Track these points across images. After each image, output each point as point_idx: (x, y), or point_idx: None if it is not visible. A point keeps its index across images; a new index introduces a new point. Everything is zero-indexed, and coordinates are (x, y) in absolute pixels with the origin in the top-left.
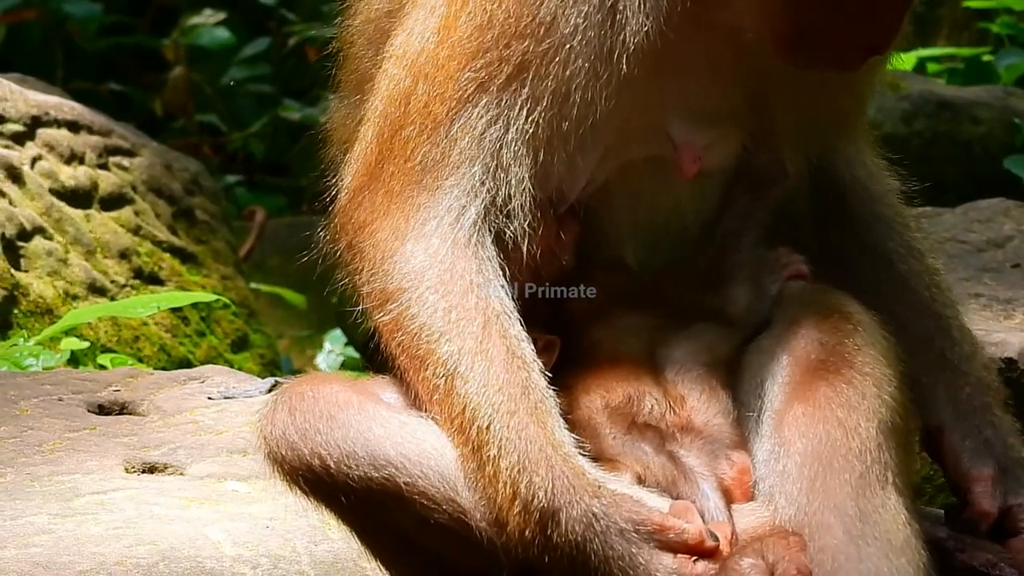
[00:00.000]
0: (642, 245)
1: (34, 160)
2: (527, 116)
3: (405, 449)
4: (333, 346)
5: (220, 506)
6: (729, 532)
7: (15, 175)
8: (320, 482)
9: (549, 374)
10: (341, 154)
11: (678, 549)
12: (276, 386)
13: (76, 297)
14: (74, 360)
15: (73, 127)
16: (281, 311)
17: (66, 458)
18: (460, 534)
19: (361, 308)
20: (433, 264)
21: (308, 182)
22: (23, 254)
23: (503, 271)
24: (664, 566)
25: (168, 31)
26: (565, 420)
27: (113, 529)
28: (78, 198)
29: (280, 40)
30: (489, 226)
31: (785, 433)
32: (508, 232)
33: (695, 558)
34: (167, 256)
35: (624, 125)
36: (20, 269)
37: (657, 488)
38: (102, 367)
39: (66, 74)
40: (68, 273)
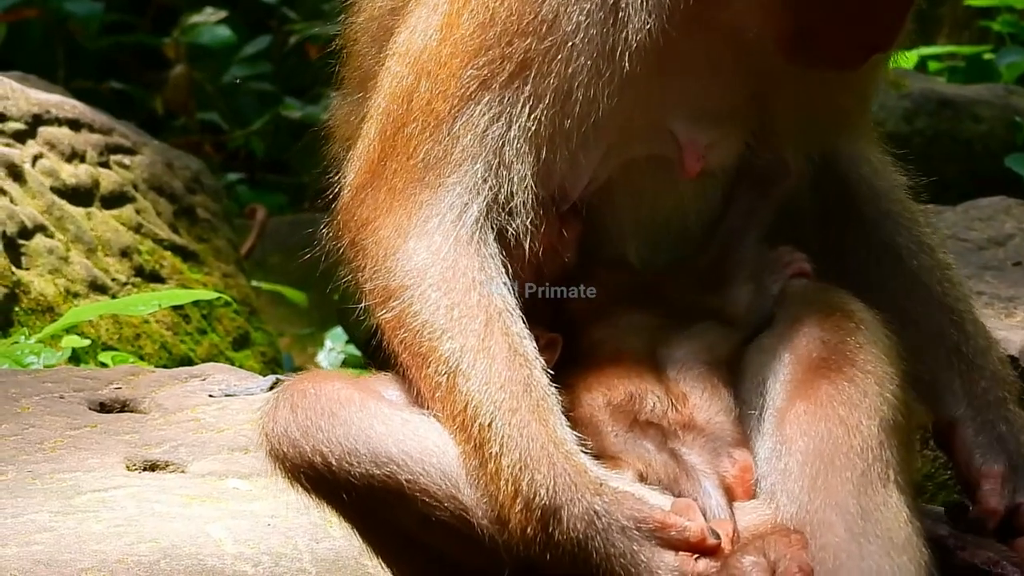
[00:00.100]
0: (644, 243)
1: (35, 158)
2: (529, 114)
3: (407, 446)
4: (334, 344)
5: (221, 504)
6: (731, 530)
7: (16, 173)
8: (322, 479)
9: (551, 371)
10: (344, 151)
11: (680, 547)
12: (277, 384)
13: (77, 295)
14: (75, 358)
15: (74, 125)
16: (282, 309)
17: (67, 456)
18: (461, 532)
19: (363, 305)
20: (435, 261)
21: (309, 180)
22: (24, 252)
23: (505, 269)
24: (666, 563)
25: (169, 29)
26: (567, 418)
27: (114, 527)
28: (79, 196)
29: (281, 38)
30: (491, 224)
31: (787, 431)
32: (510, 230)
33: (697, 556)
34: (168, 254)
35: (626, 123)
36: (21, 267)
37: (659, 486)
38: (103, 365)
39: (67, 72)
40: (69, 271)
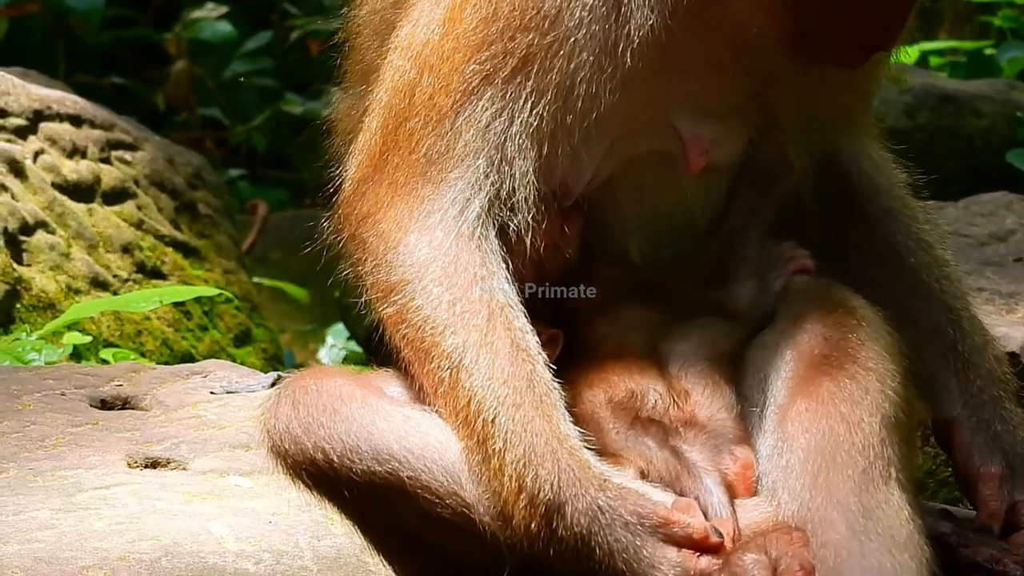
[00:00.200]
0: (646, 240)
1: (36, 154)
2: (531, 109)
3: (409, 443)
4: (336, 340)
5: (223, 501)
6: (732, 528)
7: (17, 169)
8: (323, 476)
9: (553, 367)
10: (345, 145)
11: (683, 544)
12: (279, 381)
13: (78, 291)
14: (76, 355)
15: (75, 121)
16: (284, 305)
17: (68, 453)
18: (464, 528)
19: (365, 300)
20: (437, 257)
21: (310, 176)
22: (25, 248)
23: (507, 264)
24: (668, 560)
25: (170, 25)
26: (569, 414)
27: (115, 524)
28: (80, 192)
29: (282, 34)
30: (493, 219)
31: (788, 428)
32: (512, 225)
33: (698, 553)
34: (169, 250)
35: (629, 119)
36: (22, 263)
37: (660, 483)
38: (104, 362)
39: (68, 68)
40: (70, 267)
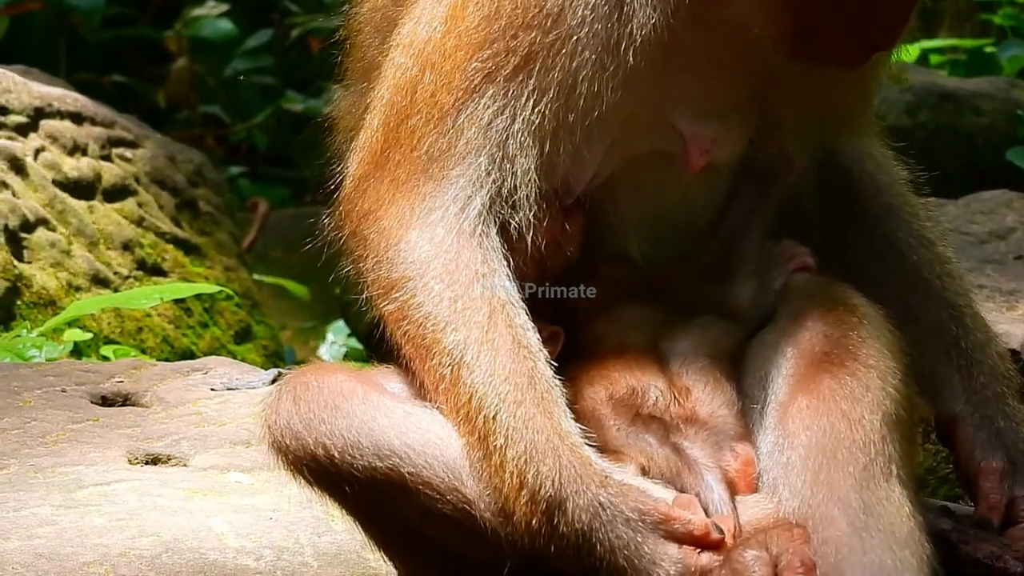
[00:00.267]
0: (647, 238)
1: (37, 151)
2: (533, 107)
3: (409, 439)
4: (336, 337)
5: (223, 497)
6: (732, 524)
7: (18, 166)
8: (324, 472)
9: (554, 364)
10: (347, 143)
11: (684, 540)
12: (279, 377)
13: (79, 288)
14: (77, 351)
15: (76, 119)
16: (284, 302)
17: (69, 449)
18: (464, 524)
19: (366, 297)
20: (438, 254)
21: (311, 173)
22: (26, 245)
23: (508, 262)
24: (669, 556)
25: (171, 23)
26: (570, 411)
27: (116, 520)
28: (81, 189)
29: (283, 32)
30: (494, 217)
31: (789, 425)
32: (513, 223)
33: (699, 550)
34: (170, 247)
35: (631, 118)
36: (23, 260)
37: (661, 479)
38: (105, 358)
39: (69, 66)
40: (71, 264)
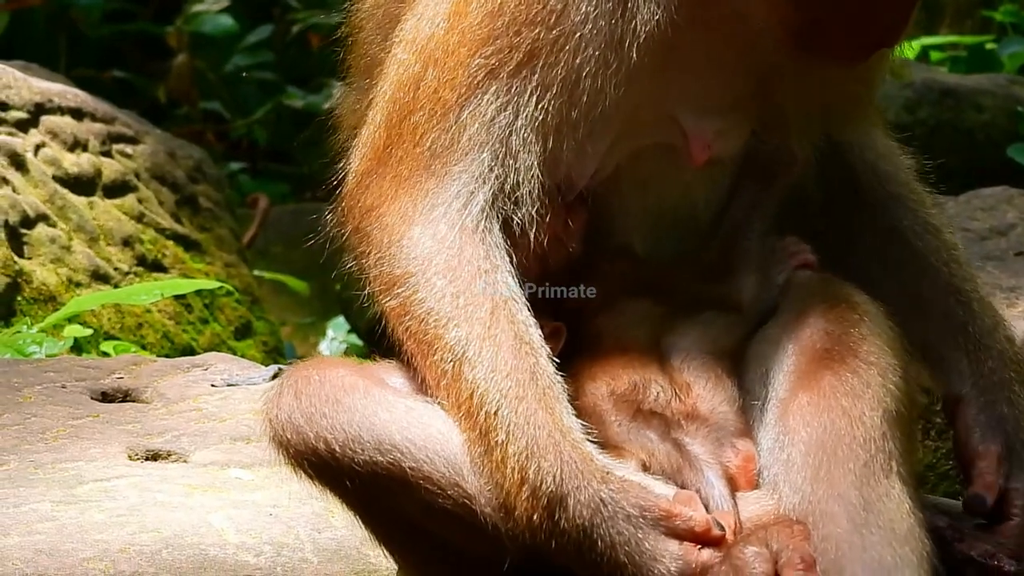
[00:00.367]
0: (650, 233)
1: (37, 147)
2: (536, 103)
3: (411, 434)
4: (336, 333)
5: (223, 494)
6: (733, 521)
7: (19, 162)
8: (325, 466)
9: (556, 360)
10: (350, 140)
11: (684, 536)
12: (279, 373)
13: (79, 284)
14: (77, 347)
15: (77, 114)
16: (284, 298)
17: (69, 445)
18: (465, 519)
19: (368, 292)
20: (441, 249)
21: (311, 169)
22: (26, 241)
23: (510, 258)
24: (670, 552)
25: (171, 18)
26: (571, 407)
27: (116, 516)
28: (81, 185)
29: (283, 28)
30: (497, 213)
31: (790, 422)
32: (516, 219)
33: (700, 546)
34: (170, 243)
35: (634, 113)
36: (23, 256)
37: (662, 476)
38: (105, 354)
39: (70, 61)
40: (71, 260)
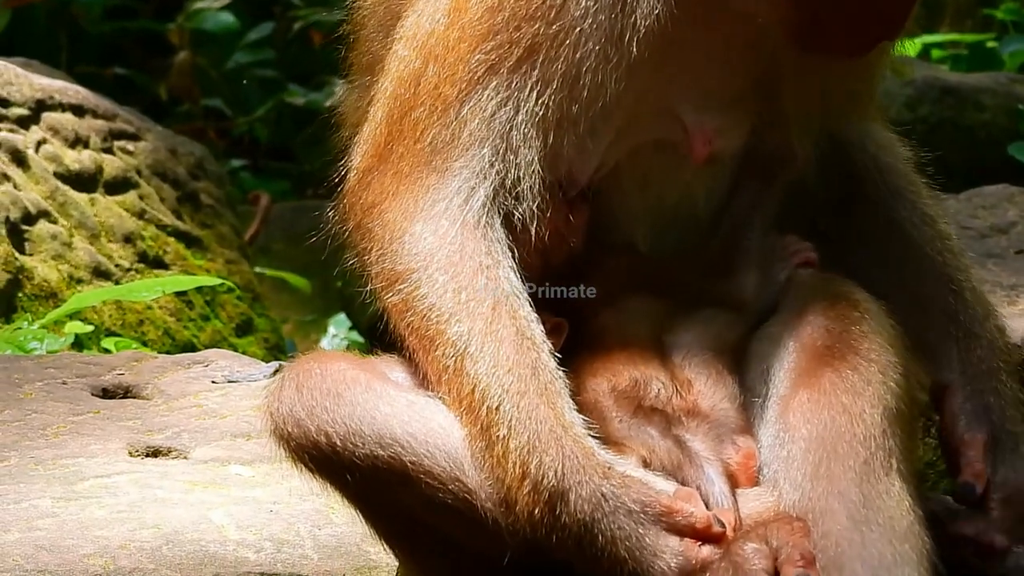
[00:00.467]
0: (651, 229)
1: (39, 144)
2: (537, 98)
3: (412, 428)
4: (337, 330)
5: (224, 490)
6: (733, 517)
7: (20, 159)
8: (326, 460)
9: (558, 355)
10: (353, 137)
11: (685, 532)
12: (280, 370)
13: (80, 281)
14: (78, 344)
15: (78, 111)
16: (285, 295)
17: (70, 442)
18: (465, 514)
19: (369, 289)
20: (442, 245)
21: (313, 167)
22: (28, 238)
23: (512, 253)
24: (670, 548)
25: (173, 15)
26: (573, 402)
27: (117, 513)
28: (83, 182)
29: (285, 25)
30: (498, 208)
31: (790, 419)
32: (517, 214)
33: (700, 542)
34: (171, 240)
35: (634, 109)
36: (25, 253)
37: (662, 472)
38: (106, 351)
39: (71, 58)
40: (72, 257)
